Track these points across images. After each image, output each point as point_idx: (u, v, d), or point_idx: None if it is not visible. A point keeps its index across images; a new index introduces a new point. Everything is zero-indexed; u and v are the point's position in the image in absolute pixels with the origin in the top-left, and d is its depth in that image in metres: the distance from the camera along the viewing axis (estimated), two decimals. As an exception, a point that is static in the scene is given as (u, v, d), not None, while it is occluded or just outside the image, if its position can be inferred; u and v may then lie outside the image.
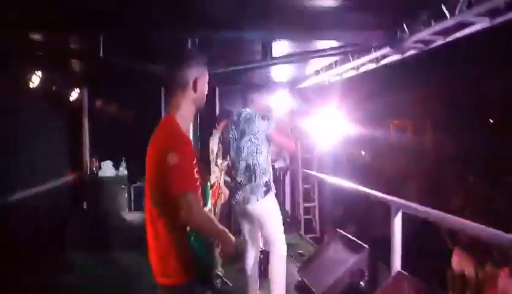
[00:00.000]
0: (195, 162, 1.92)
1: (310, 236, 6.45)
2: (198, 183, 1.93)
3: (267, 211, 3.56)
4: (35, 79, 4.84)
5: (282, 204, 6.78)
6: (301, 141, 6.75)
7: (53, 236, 5.03)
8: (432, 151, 10.93)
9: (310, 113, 6.48)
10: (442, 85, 9.88)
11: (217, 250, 2.00)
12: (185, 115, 1.96)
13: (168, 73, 1.97)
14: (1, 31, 3.45)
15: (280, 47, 4.48)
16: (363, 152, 11.93)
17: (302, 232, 6.53)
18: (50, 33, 3.90)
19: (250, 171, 3.49)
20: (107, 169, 5.76)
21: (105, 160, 5.83)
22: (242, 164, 3.53)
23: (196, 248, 1.85)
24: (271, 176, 3.68)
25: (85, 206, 5.76)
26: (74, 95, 6.11)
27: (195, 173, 1.89)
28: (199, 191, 1.95)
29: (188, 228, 1.84)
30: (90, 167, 5.91)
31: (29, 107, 4.80)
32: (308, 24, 3.64)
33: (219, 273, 2.01)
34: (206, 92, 2.03)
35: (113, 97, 6.43)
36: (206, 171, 2.24)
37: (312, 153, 6.87)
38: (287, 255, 3.68)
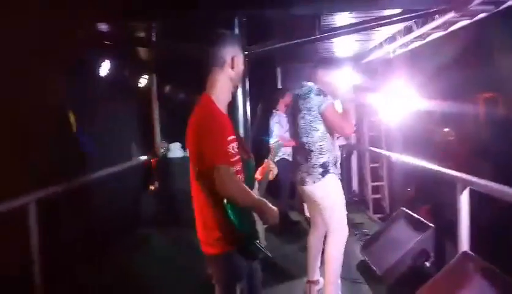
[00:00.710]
0: (231, 138, 1.97)
1: (379, 215, 6.23)
2: (235, 159, 1.99)
3: (323, 194, 3.27)
4: (106, 67, 5.19)
5: (348, 184, 6.64)
6: (367, 119, 6.50)
7: (127, 214, 5.41)
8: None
9: (377, 89, 6.17)
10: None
11: (260, 223, 2.02)
12: (222, 93, 2.04)
13: (207, 51, 2.04)
14: (72, 23, 3.74)
15: (337, 19, 4.33)
16: (446, 129, 11.16)
17: (370, 212, 6.33)
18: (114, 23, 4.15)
19: (306, 149, 3.26)
20: (175, 150, 6.02)
21: (173, 142, 6.10)
22: (299, 142, 3.32)
23: (234, 220, 1.88)
24: (336, 156, 3.36)
25: (156, 186, 6.08)
26: (143, 81, 6.48)
27: (230, 148, 1.96)
28: (237, 166, 2.00)
29: (225, 201, 1.89)
30: (160, 149, 6.22)
31: (102, 95, 5.15)
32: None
33: (260, 245, 2.02)
34: (243, 70, 2.10)
35: (180, 82, 6.67)
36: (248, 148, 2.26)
37: (380, 130, 6.59)
38: (352, 235, 3.43)
